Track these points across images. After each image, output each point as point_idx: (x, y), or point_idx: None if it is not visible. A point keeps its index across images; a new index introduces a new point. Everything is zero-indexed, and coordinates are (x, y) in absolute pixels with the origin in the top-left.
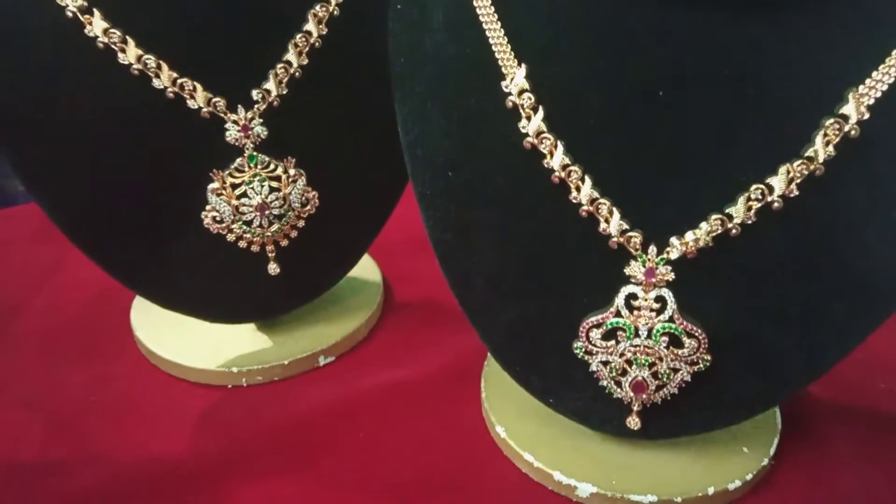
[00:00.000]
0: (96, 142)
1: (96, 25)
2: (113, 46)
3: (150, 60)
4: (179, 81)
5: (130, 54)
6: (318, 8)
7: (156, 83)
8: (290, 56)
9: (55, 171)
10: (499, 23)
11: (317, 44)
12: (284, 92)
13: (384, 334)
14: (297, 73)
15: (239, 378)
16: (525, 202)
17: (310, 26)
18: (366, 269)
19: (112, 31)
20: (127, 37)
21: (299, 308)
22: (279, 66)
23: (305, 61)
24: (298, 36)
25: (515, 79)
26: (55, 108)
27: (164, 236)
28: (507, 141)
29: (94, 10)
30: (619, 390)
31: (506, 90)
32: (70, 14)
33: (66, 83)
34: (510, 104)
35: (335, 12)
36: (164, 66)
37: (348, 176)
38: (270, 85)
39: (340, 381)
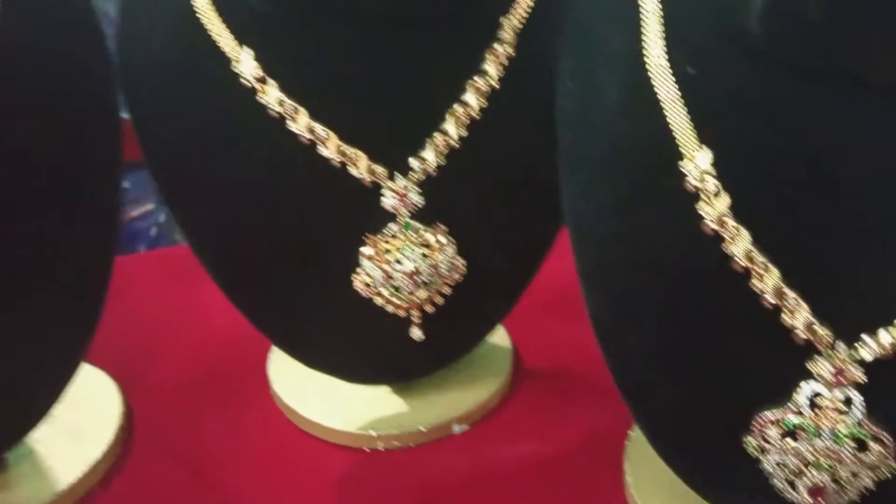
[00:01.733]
0: (259, 202)
1: (271, 95)
2: (285, 115)
3: (320, 129)
4: (344, 150)
5: (301, 123)
6: (477, 79)
7: (322, 150)
8: (448, 126)
9: (219, 229)
10: (682, 102)
11: (475, 115)
12: (442, 161)
13: (517, 403)
14: (454, 143)
15: (376, 442)
16: (699, 286)
17: (468, 97)
18: (495, 333)
19: (286, 101)
20: (299, 107)
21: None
22: (437, 135)
23: (463, 131)
24: (456, 106)
25: (698, 161)
26: (224, 169)
27: (312, 296)
28: (682, 223)
29: (270, 80)
30: (793, 493)
31: (686, 172)
32: (246, 83)
33: (237, 147)
34: (691, 186)
35: (495, 85)
36: (333, 136)
37: (497, 245)
38: (428, 154)
39: (474, 451)
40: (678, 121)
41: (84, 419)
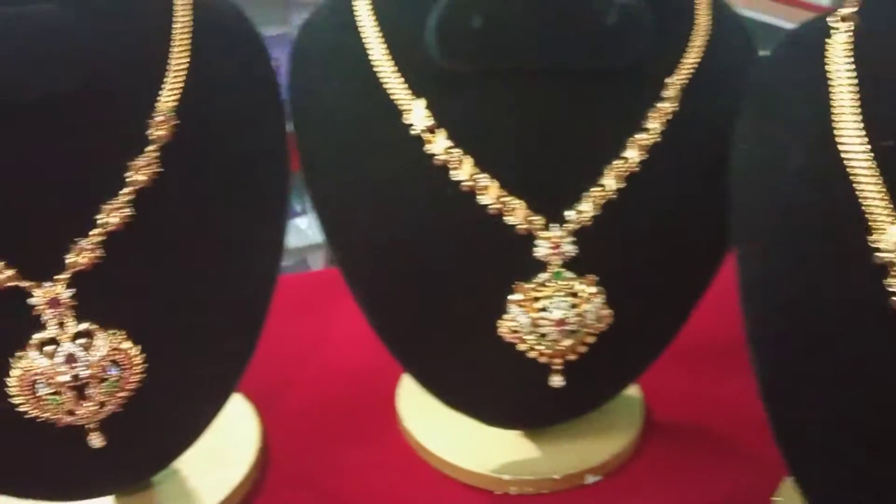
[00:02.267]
0: (416, 245)
1: (438, 143)
2: (450, 163)
3: (482, 179)
4: (504, 199)
5: (465, 171)
6: (639, 136)
7: (481, 198)
8: (607, 180)
9: (375, 267)
10: (877, 174)
11: (635, 169)
12: (598, 213)
13: (649, 456)
14: (611, 196)
15: (508, 486)
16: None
17: (629, 153)
18: None
19: (452, 149)
20: (465, 156)
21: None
22: (595, 189)
23: (622, 185)
24: (617, 162)
25: (890, 234)
26: (387, 213)
27: (458, 337)
28: (869, 296)
29: (439, 130)
30: None
31: (874, 246)
32: (415, 133)
33: (401, 193)
34: (880, 260)
35: (657, 139)
36: (494, 185)
37: (645, 298)
38: (585, 206)
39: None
40: (872, 193)
41: (225, 442)
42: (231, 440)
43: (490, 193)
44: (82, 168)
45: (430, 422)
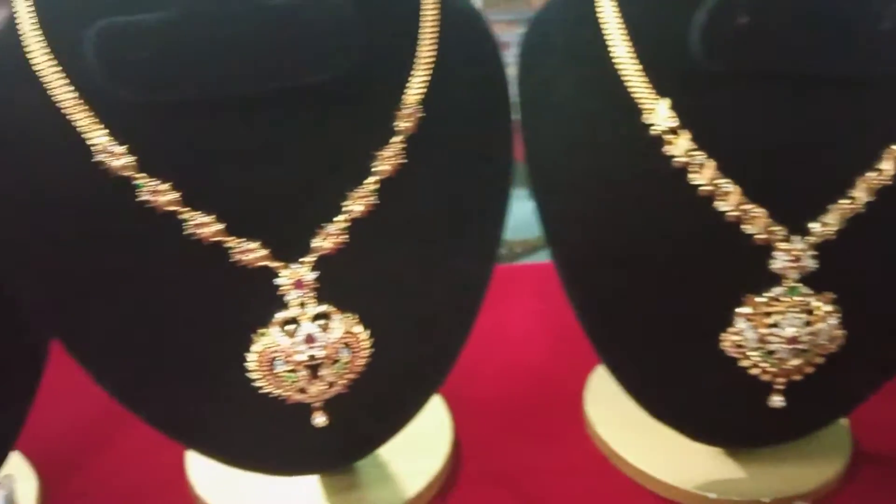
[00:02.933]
0: (641, 248)
1: (680, 145)
2: (690, 166)
3: (724, 184)
4: (745, 206)
5: (705, 175)
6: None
7: (720, 205)
8: (858, 192)
9: (596, 270)
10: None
11: (888, 182)
12: (844, 227)
13: (858, 485)
14: (860, 210)
15: None
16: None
17: (885, 164)
18: None
19: (694, 152)
20: (708, 159)
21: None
22: (844, 201)
23: (873, 198)
24: (870, 174)
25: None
26: (614, 212)
27: (674, 348)
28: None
29: (682, 131)
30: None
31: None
32: (655, 133)
33: (630, 192)
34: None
35: None
36: (736, 191)
37: (882, 321)
38: (831, 219)
39: None
40: (637, 85)
41: (421, 432)
42: (427, 431)
43: (730, 200)
44: (333, 156)
45: (624, 429)
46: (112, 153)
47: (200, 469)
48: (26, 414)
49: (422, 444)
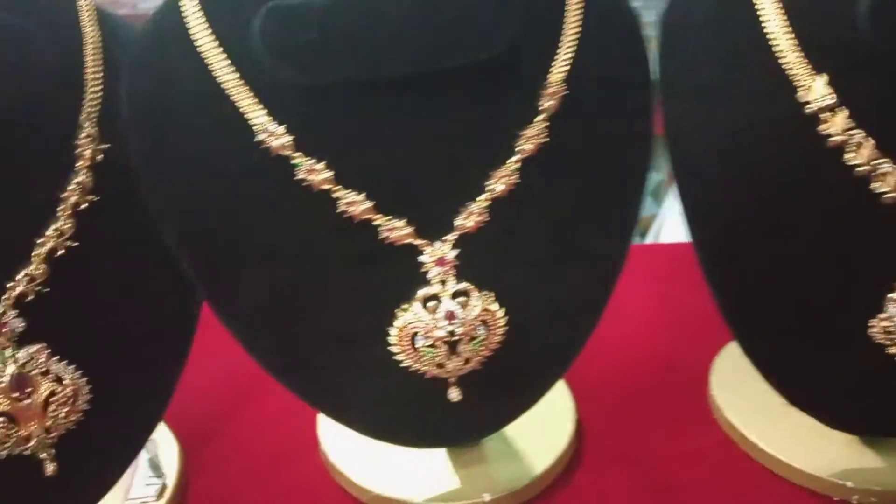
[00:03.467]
0: (787, 231)
1: (838, 123)
2: (847, 144)
3: (883, 164)
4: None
5: (863, 155)
6: None
7: (876, 186)
8: None
9: (739, 253)
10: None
11: None
12: None
13: None
14: None
15: (851, 495)
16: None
17: None
18: None
19: (853, 130)
20: (867, 138)
21: None
22: None
23: None
24: None
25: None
26: (764, 194)
27: (819, 333)
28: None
29: (840, 108)
30: None
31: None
32: (810, 111)
33: (779, 175)
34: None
35: None
36: (894, 172)
37: None
38: None
39: None
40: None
41: (543, 411)
42: (549, 410)
43: (888, 181)
44: (479, 135)
45: (753, 414)
46: (272, 133)
47: (333, 437)
48: (178, 378)
49: (545, 424)
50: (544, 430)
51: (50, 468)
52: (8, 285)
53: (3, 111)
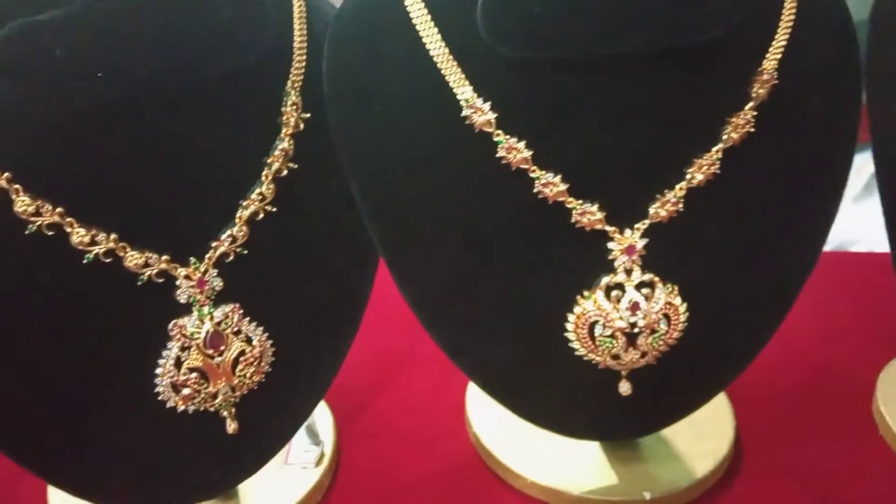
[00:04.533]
0: None
1: None
2: None
3: None
4: None
5: None
6: None
7: None
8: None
9: None
10: None
11: None
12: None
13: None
14: None
15: None
16: None
17: None
18: None
19: None
20: None
21: None
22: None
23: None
24: None
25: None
26: None
27: None
28: None
29: None
30: None
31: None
32: None
33: None
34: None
35: None
36: None
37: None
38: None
39: None
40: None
41: (702, 415)
42: (707, 415)
43: None
44: (684, 122)
45: None
46: (478, 109)
47: (483, 420)
48: (349, 348)
49: (704, 428)
50: (703, 434)
51: (232, 426)
52: (213, 244)
53: (229, 78)
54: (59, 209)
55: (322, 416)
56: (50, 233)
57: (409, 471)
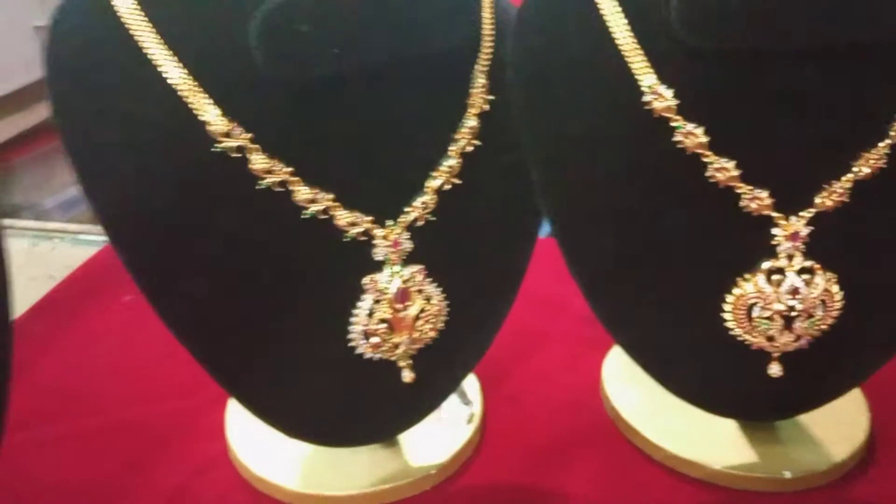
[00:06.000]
0: None
1: None
2: None
3: None
4: None
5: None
6: None
7: None
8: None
9: None
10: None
11: None
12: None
13: None
14: None
15: None
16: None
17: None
18: None
19: None
20: None
21: None
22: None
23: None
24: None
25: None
26: None
27: None
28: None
29: None
30: None
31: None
32: None
33: None
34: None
35: None
36: None
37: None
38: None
39: None
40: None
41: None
42: (842, 402)
43: None
44: (857, 114)
45: None
46: (660, 95)
47: (621, 391)
48: (507, 313)
49: (839, 415)
50: (839, 421)
51: (408, 376)
52: (406, 209)
53: (427, 58)
54: (289, 168)
55: (469, 381)
56: (279, 189)
57: (550, 436)
